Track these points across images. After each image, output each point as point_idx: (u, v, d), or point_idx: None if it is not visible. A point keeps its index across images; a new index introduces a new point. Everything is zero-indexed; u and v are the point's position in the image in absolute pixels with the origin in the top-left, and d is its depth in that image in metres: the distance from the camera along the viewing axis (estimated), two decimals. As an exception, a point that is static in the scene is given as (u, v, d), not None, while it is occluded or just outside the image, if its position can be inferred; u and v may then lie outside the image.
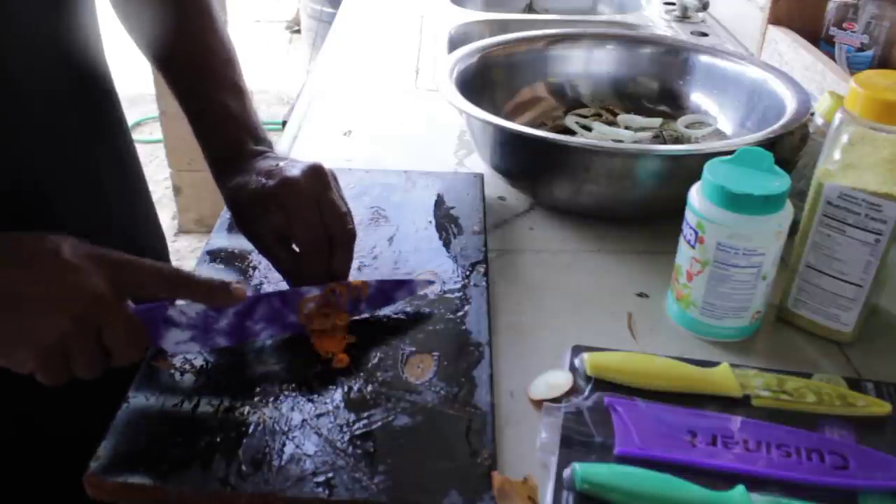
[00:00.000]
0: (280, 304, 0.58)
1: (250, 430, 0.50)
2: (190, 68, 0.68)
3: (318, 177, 0.59)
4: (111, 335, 0.49)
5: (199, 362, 0.56)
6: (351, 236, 0.60)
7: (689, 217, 0.60)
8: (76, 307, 0.47)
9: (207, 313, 0.55)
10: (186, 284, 0.52)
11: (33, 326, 0.47)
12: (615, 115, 0.97)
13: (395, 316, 0.61)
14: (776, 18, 1.08)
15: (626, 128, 0.93)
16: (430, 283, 0.64)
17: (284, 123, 1.04)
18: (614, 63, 1.00)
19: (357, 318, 0.61)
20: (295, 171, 0.59)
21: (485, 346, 0.58)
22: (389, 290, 0.62)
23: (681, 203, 0.61)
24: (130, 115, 3.15)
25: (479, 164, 0.88)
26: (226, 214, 0.75)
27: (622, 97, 0.99)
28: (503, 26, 1.37)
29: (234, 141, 0.65)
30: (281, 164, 0.61)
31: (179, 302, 0.54)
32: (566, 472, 0.48)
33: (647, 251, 0.75)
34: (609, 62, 1.00)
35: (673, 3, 1.47)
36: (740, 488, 0.47)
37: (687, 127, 0.92)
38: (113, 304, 0.48)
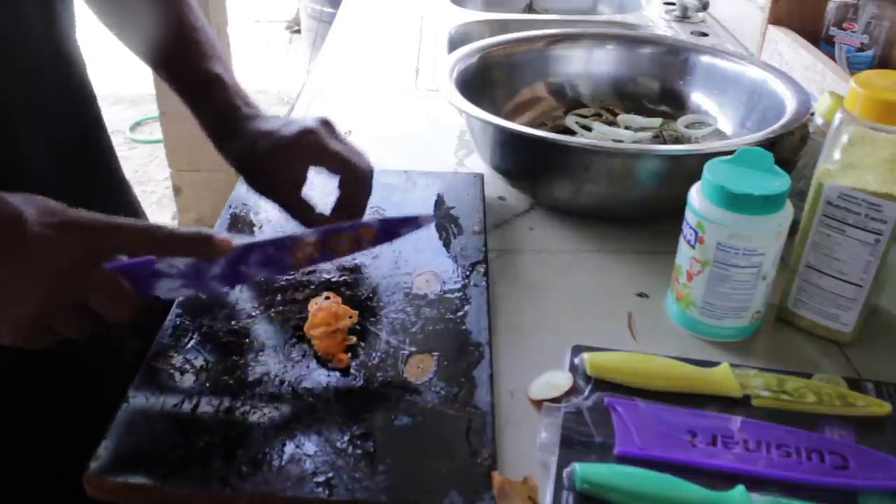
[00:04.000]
0: (274, 249, 0.57)
1: (250, 430, 0.50)
2: (177, 46, 0.70)
3: (330, 124, 0.66)
4: (94, 299, 0.48)
5: (199, 362, 0.56)
6: (371, 169, 0.67)
7: (689, 217, 0.60)
8: (47, 280, 0.45)
9: (197, 263, 0.53)
10: (167, 241, 0.51)
11: (5, 304, 0.45)
12: (615, 115, 0.97)
13: (395, 316, 0.62)
14: (776, 18, 1.08)
15: (626, 128, 0.93)
16: (432, 218, 0.68)
17: (284, 123, 1.04)
18: (614, 63, 1.00)
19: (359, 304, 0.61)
20: (309, 122, 0.65)
21: (485, 346, 0.58)
22: (394, 226, 0.61)
23: (681, 203, 0.61)
24: (130, 115, 3.18)
25: (479, 164, 0.88)
26: (226, 214, 0.75)
27: (622, 97, 0.99)
28: (503, 26, 1.37)
29: (230, 107, 0.68)
30: (286, 119, 0.66)
31: None
32: (566, 472, 0.48)
33: (647, 251, 0.75)
34: (609, 62, 1.00)
35: (673, 3, 1.47)
36: (740, 488, 0.47)
37: (687, 127, 0.92)
38: (87, 271, 0.47)
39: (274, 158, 0.64)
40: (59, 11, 0.61)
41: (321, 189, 0.68)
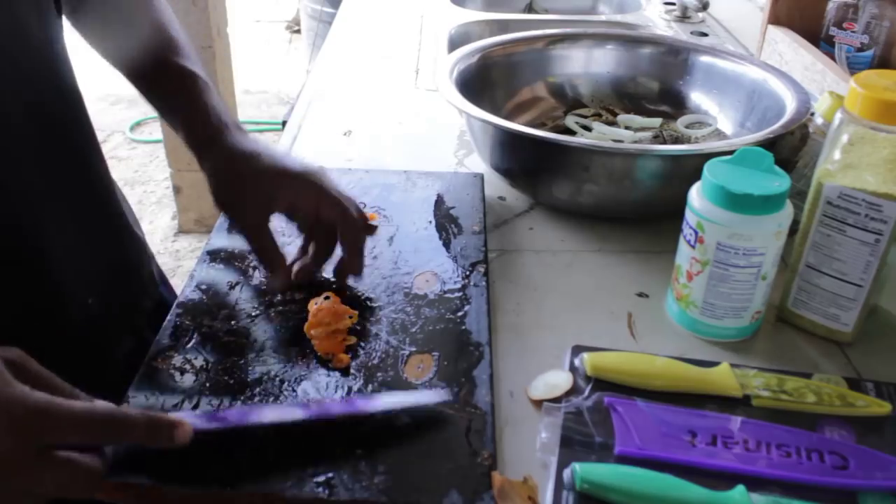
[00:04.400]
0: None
1: (250, 430, 0.50)
2: (154, 48, 0.68)
3: (326, 173, 0.63)
4: (44, 488, 0.42)
5: (199, 362, 0.56)
6: (364, 217, 0.64)
7: (689, 217, 0.60)
8: None
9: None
10: (119, 426, 0.44)
11: None
12: (615, 115, 0.97)
13: (395, 316, 0.62)
14: (776, 18, 1.08)
15: (626, 128, 0.93)
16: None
17: (284, 123, 1.04)
18: (614, 63, 1.00)
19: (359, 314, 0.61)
20: (309, 164, 0.63)
21: (485, 346, 0.58)
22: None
23: (681, 203, 0.61)
24: (130, 115, 3.18)
25: (479, 164, 0.88)
26: (226, 214, 0.75)
27: (622, 97, 0.99)
28: (503, 26, 1.37)
29: (209, 108, 0.65)
30: (282, 152, 0.64)
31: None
32: (566, 472, 0.48)
33: (647, 251, 0.75)
34: (609, 62, 1.00)
35: (673, 3, 1.47)
36: (740, 488, 0.47)
37: (687, 127, 0.92)
38: (24, 462, 0.41)
39: (260, 182, 0.61)
40: (52, 16, 0.61)
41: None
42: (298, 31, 3.79)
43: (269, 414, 0.51)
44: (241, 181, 0.62)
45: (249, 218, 0.62)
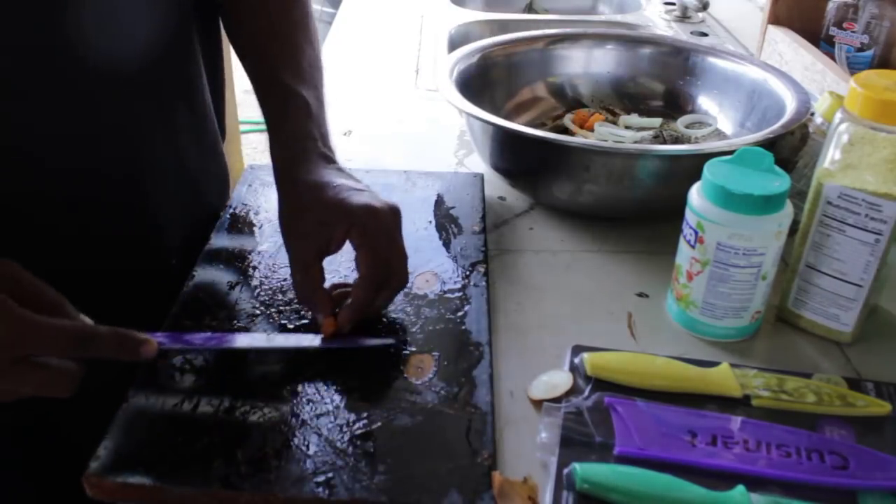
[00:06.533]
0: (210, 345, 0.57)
1: (250, 430, 0.50)
2: (273, 53, 0.68)
3: (395, 215, 0.59)
4: (22, 390, 0.47)
5: (199, 362, 0.56)
6: (405, 281, 0.59)
7: (689, 217, 0.60)
8: None
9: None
10: (88, 341, 0.48)
11: None
12: (615, 115, 0.97)
13: (395, 316, 0.61)
14: (776, 18, 1.08)
15: (626, 128, 0.93)
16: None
17: (284, 123, 1.04)
18: (614, 63, 1.00)
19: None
20: (377, 201, 0.58)
21: (485, 346, 0.58)
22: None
23: (681, 203, 0.61)
24: (130, 115, 3.17)
25: (479, 164, 0.88)
26: (226, 214, 0.75)
27: (622, 97, 0.99)
28: (503, 26, 1.37)
29: (306, 139, 0.63)
30: (360, 186, 0.60)
31: None
32: (566, 472, 0.48)
33: (647, 251, 0.75)
34: (609, 62, 1.00)
35: (673, 3, 1.47)
36: (740, 488, 0.47)
37: (687, 127, 0.92)
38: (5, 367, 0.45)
39: (324, 214, 0.58)
40: None
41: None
42: (298, 31, 3.78)
43: (237, 340, 0.57)
44: (301, 213, 0.59)
45: (297, 252, 0.59)
